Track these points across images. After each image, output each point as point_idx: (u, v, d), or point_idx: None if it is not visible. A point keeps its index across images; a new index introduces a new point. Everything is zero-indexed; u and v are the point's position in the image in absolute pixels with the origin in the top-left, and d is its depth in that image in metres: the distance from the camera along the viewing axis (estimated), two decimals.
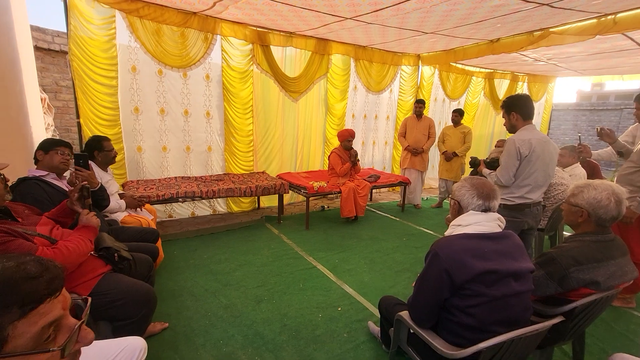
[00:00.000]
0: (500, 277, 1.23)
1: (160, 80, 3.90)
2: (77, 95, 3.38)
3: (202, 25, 3.84)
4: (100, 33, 3.36)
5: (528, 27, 3.77)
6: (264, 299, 2.49)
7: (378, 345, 2.01)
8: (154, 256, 2.19)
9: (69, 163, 2.29)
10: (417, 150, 4.97)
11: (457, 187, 1.41)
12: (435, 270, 1.26)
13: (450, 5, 3.03)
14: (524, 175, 2.20)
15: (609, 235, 1.48)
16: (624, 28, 3.28)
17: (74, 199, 1.67)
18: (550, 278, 1.42)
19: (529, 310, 1.33)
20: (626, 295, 2.49)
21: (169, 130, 4.08)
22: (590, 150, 3.07)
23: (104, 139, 2.66)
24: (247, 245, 3.47)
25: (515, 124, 2.28)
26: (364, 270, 3.02)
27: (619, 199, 1.43)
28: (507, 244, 1.32)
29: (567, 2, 2.91)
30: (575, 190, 1.54)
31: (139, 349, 1.33)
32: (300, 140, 5.11)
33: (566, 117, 12.17)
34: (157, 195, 3.32)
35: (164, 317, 2.19)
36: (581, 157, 3.24)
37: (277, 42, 4.41)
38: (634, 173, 2.32)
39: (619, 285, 1.42)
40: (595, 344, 2.09)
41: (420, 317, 1.33)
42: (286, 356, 1.91)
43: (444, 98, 6.45)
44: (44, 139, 2.29)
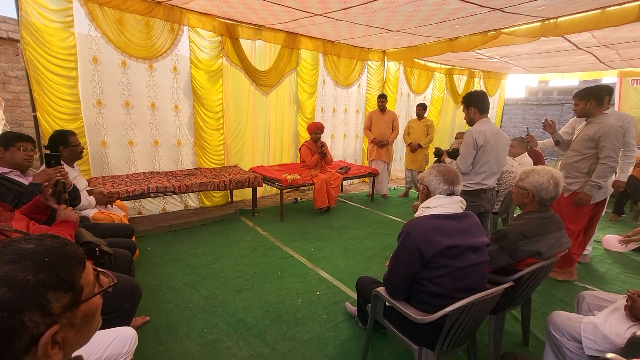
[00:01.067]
0: (462, 250, 1.42)
1: (124, 72, 3.75)
2: (32, 87, 3.17)
3: (168, 15, 3.73)
4: (56, 20, 3.17)
5: (483, 27, 4.09)
6: (244, 288, 2.56)
7: (355, 324, 2.18)
8: (131, 251, 2.17)
9: (33, 159, 2.19)
10: (382, 143, 5.21)
11: (426, 173, 1.58)
12: (408, 247, 1.42)
13: (414, 6, 3.23)
14: (480, 163, 2.45)
15: (549, 213, 1.74)
16: (564, 31, 3.69)
17: (48, 194, 1.62)
18: (502, 251, 1.64)
19: (485, 278, 1.54)
20: (567, 268, 2.82)
21: (135, 124, 3.94)
22: (536, 140, 3.44)
23: (69, 134, 2.55)
24: (222, 239, 3.49)
25: (473, 117, 2.53)
26: (338, 257, 3.18)
27: (557, 182, 1.68)
28: (468, 222, 1.51)
29: (516, 7, 3.22)
30: (523, 175, 1.78)
31: (130, 337, 1.36)
32: (272, 133, 5.14)
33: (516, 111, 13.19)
34: (127, 191, 3.23)
35: (144, 311, 2.20)
36: (528, 147, 3.62)
37: (246, 35, 4.38)
38: (579, 161, 2.67)
39: (557, 254, 1.69)
40: (539, 308, 2.41)
41: (395, 290, 1.50)
42: (270, 339, 2.01)
43: (409, 92, 6.76)
44: (2, 134, 2.16)
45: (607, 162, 2.47)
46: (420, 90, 6.80)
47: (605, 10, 3.32)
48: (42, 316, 0.56)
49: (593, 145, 2.55)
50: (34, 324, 0.55)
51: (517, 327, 2.16)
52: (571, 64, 5.95)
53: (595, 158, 2.55)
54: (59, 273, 0.59)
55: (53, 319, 0.57)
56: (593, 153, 2.57)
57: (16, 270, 0.55)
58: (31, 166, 2.20)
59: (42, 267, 0.57)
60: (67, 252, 0.63)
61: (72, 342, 0.63)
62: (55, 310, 0.57)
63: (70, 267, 0.62)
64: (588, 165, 2.60)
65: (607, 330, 1.37)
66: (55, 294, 0.58)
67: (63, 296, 0.59)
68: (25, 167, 2.14)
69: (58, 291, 0.58)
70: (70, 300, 0.60)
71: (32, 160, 2.17)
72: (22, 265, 0.56)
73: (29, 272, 0.56)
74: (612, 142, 2.44)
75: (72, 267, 0.62)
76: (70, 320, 0.61)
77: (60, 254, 0.61)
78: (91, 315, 0.67)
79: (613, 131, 2.44)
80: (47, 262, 0.58)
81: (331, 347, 1.96)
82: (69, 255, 0.63)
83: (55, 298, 0.58)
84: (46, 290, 0.57)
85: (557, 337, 1.54)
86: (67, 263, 0.62)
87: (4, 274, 0.54)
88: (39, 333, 0.55)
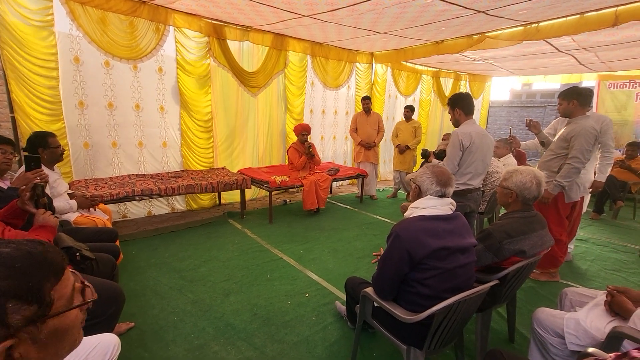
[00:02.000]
0: (450, 252, 1.44)
1: (107, 73, 3.67)
2: (10, 87, 3.07)
3: (152, 15, 3.67)
4: (36, 19, 3.08)
5: (468, 31, 4.17)
6: (232, 291, 2.53)
7: (344, 325, 2.17)
8: (115, 255, 2.12)
9: (11, 162, 2.12)
10: (369, 145, 5.23)
11: (420, 173, 1.59)
12: (397, 249, 1.43)
13: (400, 8, 3.26)
14: (466, 164, 2.49)
15: (532, 212, 1.78)
16: (545, 35, 3.80)
17: (25, 198, 1.57)
18: (488, 250, 1.67)
19: (472, 278, 1.56)
20: (551, 269, 2.87)
21: (118, 125, 3.85)
22: (519, 141, 3.51)
23: (48, 135, 2.47)
24: (210, 242, 3.44)
25: (458, 118, 2.57)
26: (327, 259, 3.17)
27: (539, 181, 1.72)
28: (457, 223, 1.53)
29: (499, 10, 3.30)
30: (506, 175, 1.81)
31: (112, 345, 1.32)
32: (260, 135, 5.11)
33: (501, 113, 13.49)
34: (111, 194, 3.16)
35: (128, 317, 2.14)
36: (512, 148, 3.70)
37: (233, 36, 4.35)
38: (552, 159, 2.73)
39: (540, 252, 1.72)
40: (524, 306, 2.46)
41: (384, 290, 1.50)
42: (258, 342, 1.99)
43: (397, 94, 6.82)
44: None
45: (572, 163, 2.51)
46: (409, 92, 6.87)
47: (584, 15, 3.43)
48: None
49: (565, 146, 2.59)
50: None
51: (503, 324, 2.20)
52: (553, 65, 6.13)
53: (566, 157, 2.59)
54: (27, 282, 0.55)
55: (10, 332, 0.52)
56: (565, 153, 2.60)
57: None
58: (9, 169, 2.13)
59: (9, 274, 0.53)
60: (44, 261, 0.59)
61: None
62: (13, 322, 0.53)
63: (42, 277, 0.57)
64: (559, 165, 2.64)
65: (588, 325, 1.41)
66: (17, 304, 0.53)
67: (26, 308, 0.54)
68: (3, 171, 2.07)
69: (20, 302, 0.54)
70: (35, 313, 0.55)
71: (10, 163, 2.10)
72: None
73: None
74: (581, 143, 2.47)
75: (44, 277, 0.58)
76: (33, 335, 0.55)
77: (34, 262, 0.57)
78: (62, 332, 0.61)
79: (584, 132, 2.47)
80: (18, 268, 0.55)
81: (320, 349, 1.95)
82: (45, 263, 0.59)
83: (16, 309, 0.53)
84: (7, 299, 0.52)
85: (541, 334, 1.57)
86: (40, 273, 0.57)
87: None
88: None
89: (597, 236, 4.04)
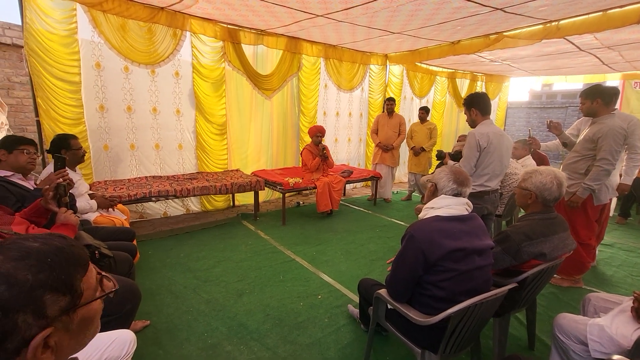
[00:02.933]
0: (466, 253, 1.40)
1: (126, 77, 3.79)
2: (35, 92, 3.21)
3: (170, 21, 3.77)
4: (60, 27, 3.21)
5: (485, 30, 4.08)
6: (245, 292, 2.54)
7: (357, 327, 2.15)
8: (132, 254, 2.17)
9: (36, 162, 2.20)
10: (387, 147, 5.19)
11: (438, 172, 1.57)
12: (412, 250, 1.40)
13: (415, 5, 3.23)
14: (483, 165, 2.43)
15: (553, 214, 1.71)
16: (566, 33, 3.67)
17: (48, 197, 1.63)
18: (506, 253, 1.62)
19: (490, 281, 1.51)
20: (575, 276, 2.75)
21: (136, 128, 3.97)
22: (539, 142, 3.40)
23: (71, 137, 2.56)
24: (224, 243, 3.48)
25: (475, 119, 2.51)
26: (340, 261, 3.15)
27: (560, 182, 1.66)
28: (473, 224, 1.49)
29: (517, 7, 3.21)
30: (525, 176, 1.76)
31: (129, 340, 1.35)
32: (274, 137, 5.15)
33: (520, 114, 13.14)
34: (129, 195, 3.24)
35: (144, 315, 2.18)
36: (531, 149, 3.59)
37: (248, 40, 4.41)
38: (578, 162, 2.63)
39: (561, 255, 1.66)
40: (545, 312, 2.37)
41: (398, 292, 1.47)
42: (270, 343, 1.99)
43: (412, 96, 6.76)
44: (4, 137, 2.17)
45: (602, 165, 2.41)
46: (423, 94, 6.79)
47: (607, 12, 3.31)
48: (36, 318, 0.54)
49: (592, 147, 2.50)
50: (27, 325, 0.53)
51: (523, 331, 2.12)
52: (574, 66, 5.93)
53: (594, 159, 2.49)
54: (60, 275, 0.58)
55: (47, 322, 0.56)
56: (592, 154, 2.51)
57: (18, 268, 0.54)
58: (34, 169, 2.21)
59: (43, 268, 0.56)
60: (71, 254, 0.62)
61: (66, 347, 0.61)
62: (50, 313, 0.56)
63: (73, 269, 0.61)
64: (586, 166, 2.54)
65: (613, 332, 1.34)
66: (53, 296, 0.56)
67: (61, 299, 0.58)
68: (28, 171, 2.15)
69: (56, 293, 0.57)
70: (68, 304, 0.59)
71: (34, 163, 2.18)
72: (24, 263, 0.55)
73: (29, 271, 0.55)
74: (610, 144, 2.37)
75: (74, 269, 0.61)
76: (66, 325, 0.59)
77: (64, 256, 0.60)
78: (89, 321, 0.65)
79: (612, 133, 2.37)
80: (49, 262, 0.57)
81: (333, 351, 1.93)
82: (73, 257, 0.62)
83: (53, 300, 0.56)
84: (44, 292, 0.55)
85: (563, 340, 1.50)
86: (70, 265, 0.60)
87: (6, 271, 0.53)
88: (31, 335, 0.54)
89: (623, 241, 3.86)
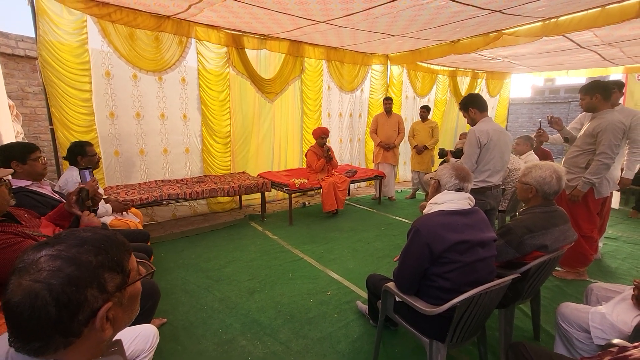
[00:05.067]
0: (470, 246, 1.46)
1: (135, 85, 3.89)
2: (49, 101, 3.32)
3: (176, 29, 3.87)
4: (72, 38, 3.32)
5: (484, 29, 4.14)
6: (257, 290, 2.62)
7: (366, 322, 2.22)
8: (148, 255, 2.26)
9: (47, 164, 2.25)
10: (389, 146, 5.25)
11: (440, 168, 1.64)
12: (417, 244, 1.47)
13: (414, 11, 3.30)
14: (484, 161, 2.49)
15: (553, 207, 1.77)
16: (564, 30, 3.72)
17: (72, 201, 1.72)
18: (509, 245, 1.68)
19: (493, 272, 1.58)
20: (579, 268, 2.79)
21: (145, 133, 4.07)
22: (547, 135, 3.42)
23: (86, 144, 2.66)
24: (233, 243, 3.57)
25: (474, 117, 2.58)
26: (347, 259, 3.22)
27: (559, 176, 1.72)
28: (475, 218, 1.56)
29: (516, 9, 3.28)
30: (526, 171, 1.82)
31: (152, 334, 1.44)
32: (277, 139, 5.24)
33: (522, 110, 13.13)
34: (141, 199, 3.34)
35: (160, 313, 2.26)
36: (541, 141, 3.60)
37: (251, 45, 4.51)
38: (578, 156, 2.68)
39: (562, 247, 1.71)
40: (550, 304, 2.42)
41: (405, 285, 1.54)
42: (283, 337, 2.07)
43: (414, 95, 6.82)
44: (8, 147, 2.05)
45: (601, 159, 2.46)
46: (425, 93, 6.85)
47: (606, 7, 3.35)
48: (100, 292, 0.63)
49: (592, 141, 2.55)
50: (94, 298, 0.62)
51: (528, 322, 2.18)
52: (576, 62, 5.96)
53: (594, 153, 2.54)
54: (113, 257, 0.68)
55: (108, 296, 0.65)
56: (592, 149, 2.56)
57: (81, 252, 0.63)
58: (46, 173, 2.26)
59: (100, 251, 0.66)
60: (117, 240, 0.71)
61: (119, 321, 0.70)
62: (110, 288, 0.66)
63: (121, 252, 0.70)
64: (586, 161, 2.59)
65: (614, 319, 1.40)
66: (110, 274, 0.66)
67: (116, 277, 0.67)
68: (43, 176, 2.20)
69: (112, 272, 0.67)
70: (121, 281, 0.68)
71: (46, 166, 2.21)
72: (84, 248, 0.64)
73: (90, 254, 0.64)
74: (609, 138, 2.42)
75: (122, 252, 0.71)
76: (120, 300, 0.68)
77: (112, 241, 0.70)
78: (135, 298, 0.74)
79: (611, 127, 2.42)
80: (103, 247, 0.67)
81: (343, 345, 2.00)
82: (119, 242, 0.71)
83: (110, 278, 0.66)
84: (104, 271, 0.65)
85: (566, 328, 1.56)
86: (119, 249, 0.70)
87: (72, 255, 0.62)
88: (98, 307, 0.63)
89: (628, 234, 3.89)
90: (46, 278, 0.59)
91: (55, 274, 0.59)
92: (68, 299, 0.59)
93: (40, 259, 0.61)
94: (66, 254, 0.62)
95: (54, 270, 0.60)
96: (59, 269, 0.60)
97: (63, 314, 0.59)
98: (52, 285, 0.58)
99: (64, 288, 0.59)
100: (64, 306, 0.59)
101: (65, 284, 0.59)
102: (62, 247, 0.63)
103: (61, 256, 0.62)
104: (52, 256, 0.61)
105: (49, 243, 0.64)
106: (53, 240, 0.65)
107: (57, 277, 0.59)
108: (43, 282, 0.58)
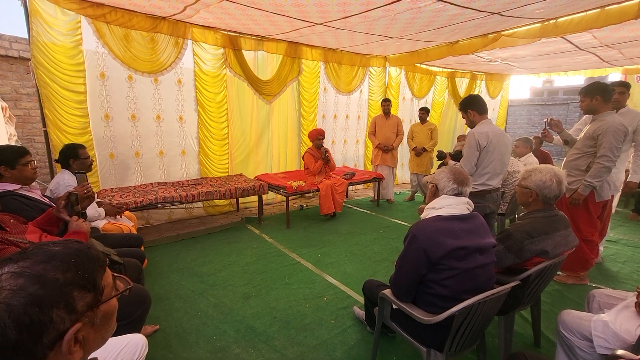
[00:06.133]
0: (469, 252, 1.42)
1: (130, 86, 3.85)
2: (42, 103, 3.27)
3: (172, 30, 3.84)
4: (66, 39, 3.28)
5: (483, 31, 4.11)
6: (252, 295, 2.57)
7: (364, 328, 2.17)
8: (140, 260, 2.21)
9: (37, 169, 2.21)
10: (387, 148, 5.22)
11: (438, 172, 1.60)
12: (414, 250, 1.43)
13: (412, 14, 3.27)
14: (483, 164, 2.46)
15: (554, 211, 1.73)
16: (563, 31, 3.69)
17: (60, 206, 1.67)
18: (508, 251, 1.64)
19: (493, 279, 1.54)
20: (579, 272, 2.75)
21: (141, 136, 4.02)
22: (552, 136, 3.37)
23: (79, 147, 2.61)
24: (229, 247, 3.52)
25: (473, 119, 2.55)
26: (345, 262, 3.17)
27: (560, 180, 1.68)
28: (474, 223, 1.52)
29: (514, 11, 3.25)
30: (525, 174, 1.78)
31: (141, 344, 1.39)
32: (275, 141, 5.19)
33: (521, 112, 13.13)
34: (135, 202, 3.29)
35: (153, 320, 2.21)
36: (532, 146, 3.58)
37: (248, 46, 4.47)
38: (579, 158, 2.64)
39: (563, 252, 1.68)
40: (551, 310, 2.37)
41: (402, 292, 1.50)
42: (278, 345, 2.02)
43: (412, 97, 6.79)
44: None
45: (602, 162, 2.42)
46: (423, 94, 6.82)
47: (605, 9, 3.33)
48: (67, 313, 0.59)
49: (593, 144, 2.50)
50: (60, 319, 0.58)
51: (528, 328, 2.13)
52: (574, 64, 5.94)
53: (595, 156, 2.49)
54: (84, 273, 0.63)
55: (77, 317, 0.61)
56: (592, 151, 2.52)
57: (47, 270, 0.59)
58: (36, 177, 2.22)
59: (69, 267, 0.61)
60: (90, 255, 0.67)
61: (91, 342, 0.66)
62: (79, 308, 0.61)
63: (94, 268, 0.66)
64: (587, 163, 2.55)
65: (617, 327, 1.36)
66: (80, 292, 0.62)
67: (86, 295, 0.63)
68: (33, 180, 2.15)
69: (82, 290, 0.62)
70: (93, 300, 0.64)
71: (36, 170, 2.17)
72: (52, 265, 0.60)
73: (58, 272, 0.60)
74: (610, 140, 2.38)
75: (95, 268, 0.66)
76: (91, 319, 0.64)
77: (85, 256, 0.65)
78: (109, 316, 0.70)
79: (612, 129, 2.38)
80: (73, 262, 0.62)
81: (340, 352, 1.96)
82: (92, 257, 0.67)
83: (80, 297, 0.62)
84: (72, 289, 0.60)
85: (568, 337, 1.52)
86: (91, 264, 0.66)
87: (37, 272, 0.58)
88: (65, 329, 0.59)
89: (629, 237, 3.86)
90: (6, 298, 0.54)
91: (17, 293, 0.55)
92: (30, 320, 0.54)
93: (2, 276, 0.56)
94: (30, 271, 0.58)
95: (15, 290, 0.55)
96: (20, 287, 0.55)
97: (24, 337, 0.54)
98: (12, 307, 0.54)
99: (25, 309, 0.54)
100: (26, 329, 0.54)
101: (27, 305, 0.54)
102: (27, 263, 0.59)
103: (24, 274, 0.57)
104: (15, 274, 0.57)
105: (13, 259, 0.60)
106: (18, 256, 0.61)
107: (18, 297, 0.54)
108: (2, 303, 0.54)
